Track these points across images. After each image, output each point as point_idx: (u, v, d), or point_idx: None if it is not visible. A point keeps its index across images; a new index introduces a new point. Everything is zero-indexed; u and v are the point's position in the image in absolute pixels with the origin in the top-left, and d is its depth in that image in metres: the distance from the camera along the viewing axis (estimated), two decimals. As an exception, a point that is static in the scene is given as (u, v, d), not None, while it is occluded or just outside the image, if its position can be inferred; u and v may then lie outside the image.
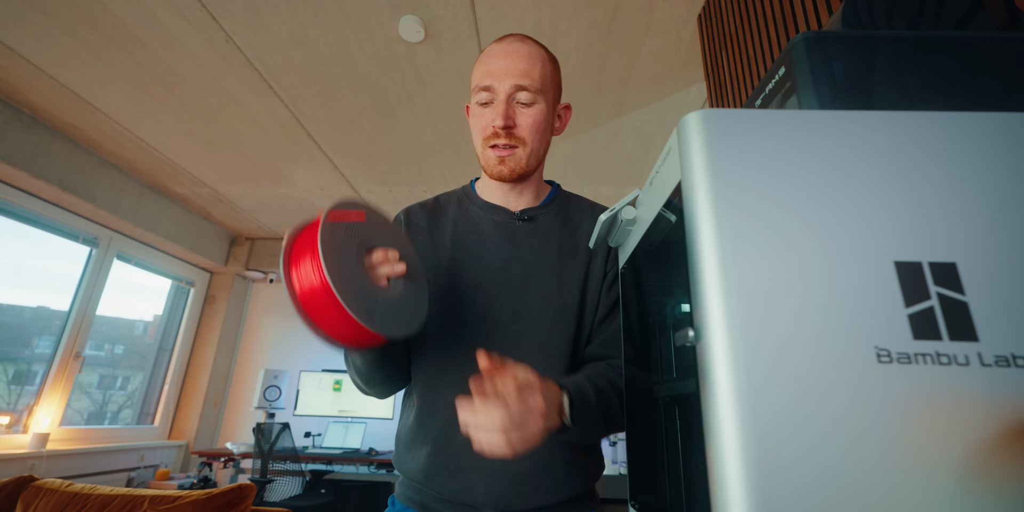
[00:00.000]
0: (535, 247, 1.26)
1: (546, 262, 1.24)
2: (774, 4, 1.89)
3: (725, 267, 0.58)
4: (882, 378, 0.53)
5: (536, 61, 1.24)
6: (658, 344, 0.92)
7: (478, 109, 1.24)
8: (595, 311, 1.23)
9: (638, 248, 0.98)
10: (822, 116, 0.65)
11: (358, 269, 0.96)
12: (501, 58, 1.23)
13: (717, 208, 0.60)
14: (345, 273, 0.92)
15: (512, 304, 1.21)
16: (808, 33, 0.78)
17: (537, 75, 1.23)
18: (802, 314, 0.56)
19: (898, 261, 0.57)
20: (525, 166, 1.25)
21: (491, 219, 1.30)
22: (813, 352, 0.54)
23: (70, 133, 4.14)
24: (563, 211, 1.33)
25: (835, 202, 0.60)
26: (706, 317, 0.57)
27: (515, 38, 1.27)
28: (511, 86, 1.21)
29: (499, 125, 1.19)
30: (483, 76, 1.22)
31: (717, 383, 0.54)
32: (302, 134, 4.00)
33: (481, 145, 1.25)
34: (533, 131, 1.23)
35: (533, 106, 1.23)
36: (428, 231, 1.32)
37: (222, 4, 2.75)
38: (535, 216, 1.30)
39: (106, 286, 4.89)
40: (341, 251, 0.94)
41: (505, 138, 1.21)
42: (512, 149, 1.23)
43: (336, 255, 0.92)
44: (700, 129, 0.65)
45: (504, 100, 1.21)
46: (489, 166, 1.25)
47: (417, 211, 1.37)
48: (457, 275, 1.24)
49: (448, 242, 1.29)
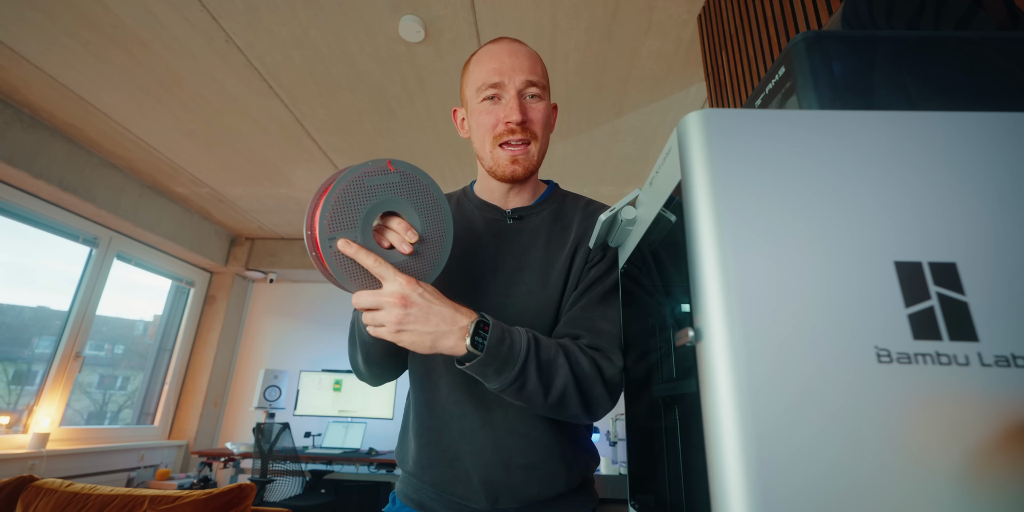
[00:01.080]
0: (523, 244, 1.27)
1: (534, 258, 1.25)
2: (774, 4, 1.89)
3: (725, 267, 0.58)
4: (882, 378, 0.53)
5: (537, 60, 1.27)
6: (658, 344, 0.92)
7: (483, 107, 1.24)
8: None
9: (638, 248, 0.98)
10: (822, 116, 0.65)
11: (365, 224, 0.97)
12: (507, 56, 1.23)
13: (717, 208, 0.60)
14: (348, 218, 0.95)
15: (498, 297, 1.22)
16: (808, 33, 0.78)
17: (540, 72, 1.25)
18: (802, 314, 0.56)
19: (898, 261, 0.57)
20: (536, 162, 1.26)
21: (484, 217, 1.32)
22: (813, 352, 0.54)
23: (70, 133, 4.14)
24: (557, 209, 1.33)
25: (835, 202, 0.60)
26: (706, 317, 0.57)
27: (510, 40, 1.29)
28: (522, 82, 1.21)
29: (516, 120, 1.19)
30: (490, 73, 1.22)
31: (717, 383, 0.54)
32: (302, 134, 4.00)
33: (490, 144, 1.24)
34: (543, 125, 1.24)
35: (541, 101, 1.24)
36: None
37: (222, 4, 2.75)
38: (525, 215, 1.31)
39: (106, 286, 4.89)
40: (354, 204, 0.96)
41: (521, 133, 1.21)
42: (526, 146, 1.23)
43: (344, 205, 0.95)
44: (700, 129, 0.65)
45: (515, 95, 1.21)
46: (500, 166, 1.24)
47: None
48: (449, 269, 1.25)
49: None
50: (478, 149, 1.28)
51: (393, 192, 1.00)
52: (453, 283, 1.22)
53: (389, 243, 1.00)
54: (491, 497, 1.12)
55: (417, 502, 1.20)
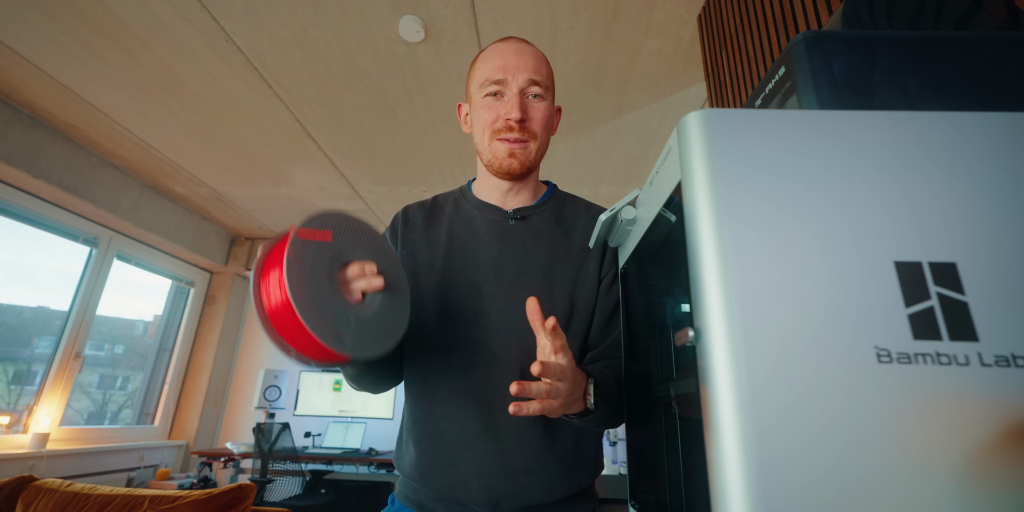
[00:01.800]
0: (527, 247, 1.26)
1: (537, 262, 1.24)
2: (774, 4, 1.89)
3: (725, 267, 0.58)
4: (882, 378, 0.53)
5: (542, 61, 1.27)
6: (658, 344, 0.92)
7: (485, 102, 1.24)
8: (589, 315, 1.23)
9: (638, 248, 0.98)
10: (822, 116, 0.65)
11: (328, 286, 0.93)
12: (512, 55, 1.24)
13: (717, 208, 0.60)
14: (313, 291, 0.90)
15: (501, 301, 1.21)
16: (808, 33, 0.78)
17: (545, 73, 1.26)
18: (802, 314, 0.56)
19: (898, 261, 0.57)
20: (533, 161, 1.26)
21: (484, 218, 1.31)
22: (813, 352, 0.54)
23: (70, 133, 4.13)
24: (558, 211, 1.33)
25: (835, 202, 0.60)
26: (706, 317, 0.57)
27: (517, 39, 1.29)
28: (525, 80, 1.22)
29: (515, 118, 1.20)
30: (494, 70, 1.23)
31: (717, 383, 0.54)
32: (302, 134, 4.00)
33: (489, 138, 1.25)
34: (543, 126, 1.25)
35: (543, 102, 1.24)
36: (424, 229, 1.33)
37: (222, 4, 2.75)
38: (528, 215, 1.30)
39: (106, 286, 4.88)
40: (310, 268, 0.91)
41: (518, 132, 1.22)
42: (524, 143, 1.23)
43: (303, 273, 0.89)
44: (700, 129, 0.65)
45: (517, 93, 1.22)
46: (497, 159, 1.25)
47: (415, 210, 1.38)
48: (450, 273, 1.24)
49: (443, 240, 1.30)
50: (478, 143, 1.28)
51: (337, 246, 0.99)
52: (455, 286, 1.22)
53: (359, 296, 0.99)
54: (492, 502, 1.12)
55: (417, 502, 1.19)
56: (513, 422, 1.15)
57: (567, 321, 1.21)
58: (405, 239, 1.32)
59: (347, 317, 0.93)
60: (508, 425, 1.15)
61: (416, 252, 1.30)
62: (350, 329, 0.93)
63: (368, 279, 0.98)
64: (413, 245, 1.31)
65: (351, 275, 0.98)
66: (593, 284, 1.24)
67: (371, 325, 0.97)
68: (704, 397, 0.56)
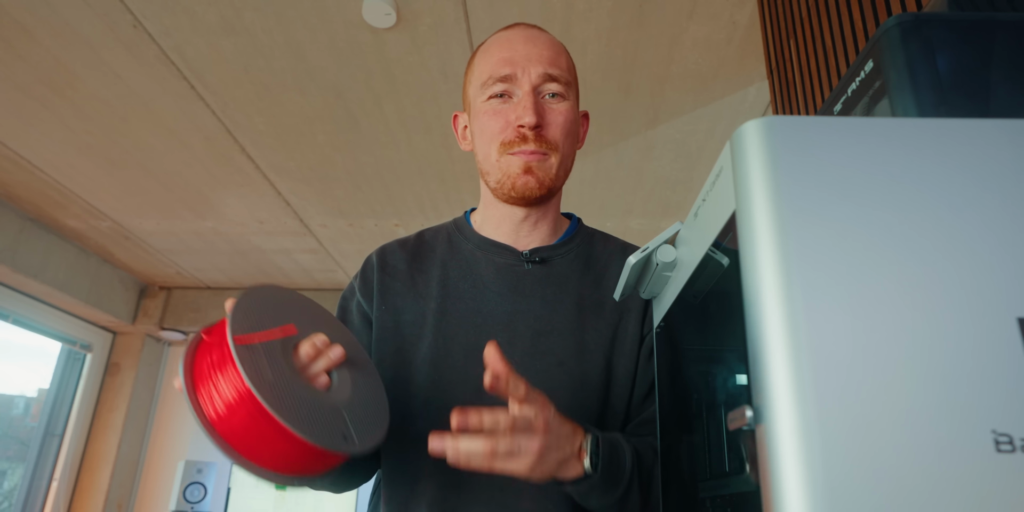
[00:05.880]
0: (548, 298, 1.25)
1: (562, 318, 1.23)
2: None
3: (795, 326, 0.57)
4: (1002, 472, 0.52)
5: (560, 50, 1.27)
6: (705, 428, 0.92)
7: (490, 107, 1.24)
8: (630, 384, 1.22)
9: (678, 300, 0.97)
10: (922, 126, 0.66)
11: (299, 383, 0.95)
12: (520, 44, 1.24)
13: (784, 248, 0.60)
14: (293, 401, 0.90)
15: (519, 369, 1.18)
16: (904, 16, 0.79)
17: (564, 66, 1.26)
18: (895, 389, 0.55)
19: (1022, 318, 0.57)
20: (554, 179, 1.25)
21: (491, 261, 1.30)
22: (911, 439, 0.54)
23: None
24: (585, 252, 1.32)
25: (940, 241, 0.60)
26: (769, 392, 0.57)
27: (527, 25, 1.29)
28: (540, 75, 1.22)
29: (528, 123, 1.19)
30: (499, 64, 1.23)
31: (784, 479, 0.54)
32: (235, 150, 4.04)
33: (497, 152, 1.24)
34: (566, 133, 1.24)
35: (564, 102, 1.24)
36: (409, 276, 1.31)
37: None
38: (549, 258, 1.29)
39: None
40: (271, 374, 0.91)
41: (535, 141, 1.21)
42: (543, 156, 1.22)
43: (273, 387, 0.89)
44: (762, 143, 0.66)
45: (530, 92, 1.21)
46: (510, 177, 1.23)
47: (395, 250, 1.36)
48: (446, 333, 1.23)
49: (435, 290, 1.28)
50: (482, 162, 1.28)
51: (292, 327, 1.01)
52: (452, 351, 1.20)
53: (326, 379, 1.00)
54: None
55: None
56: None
57: (603, 393, 1.20)
58: (384, 289, 1.31)
59: (337, 410, 0.96)
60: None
61: (400, 307, 1.28)
62: (345, 422, 0.95)
63: (326, 355, 0.99)
64: (395, 297, 1.29)
65: (305, 357, 0.99)
66: (634, 346, 1.23)
67: (359, 409, 1.00)
68: (767, 498, 0.55)
